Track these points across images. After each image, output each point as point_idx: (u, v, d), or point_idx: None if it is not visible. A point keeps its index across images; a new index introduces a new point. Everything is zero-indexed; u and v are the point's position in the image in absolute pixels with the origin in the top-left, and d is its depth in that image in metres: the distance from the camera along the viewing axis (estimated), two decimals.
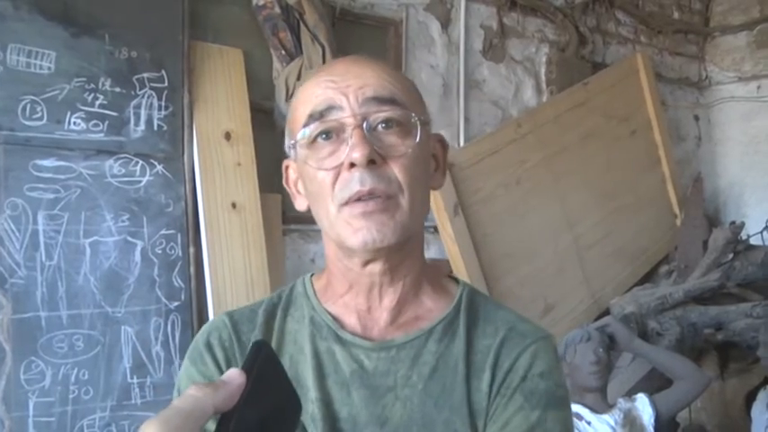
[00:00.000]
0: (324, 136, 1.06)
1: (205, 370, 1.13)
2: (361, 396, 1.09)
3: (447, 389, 1.09)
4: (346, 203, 1.05)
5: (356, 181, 1.03)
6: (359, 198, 1.04)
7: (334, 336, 1.13)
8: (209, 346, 1.15)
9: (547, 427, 1.06)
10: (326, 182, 1.06)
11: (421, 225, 1.15)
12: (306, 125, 1.07)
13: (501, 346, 1.12)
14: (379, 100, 1.06)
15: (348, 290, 1.15)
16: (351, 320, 1.15)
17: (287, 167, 1.20)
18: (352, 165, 1.03)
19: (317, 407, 1.08)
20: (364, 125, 1.04)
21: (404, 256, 1.12)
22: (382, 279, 1.12)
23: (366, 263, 1.10)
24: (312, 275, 1.25)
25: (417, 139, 1.07)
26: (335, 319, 1.15)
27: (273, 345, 1.15)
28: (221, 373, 1.11)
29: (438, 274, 1.24)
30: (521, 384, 1.08)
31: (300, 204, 1.18)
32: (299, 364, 1.12)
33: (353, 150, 1.02)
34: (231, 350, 1.14)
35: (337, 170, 1.05)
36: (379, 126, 1.05)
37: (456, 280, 1.24)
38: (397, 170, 1.05)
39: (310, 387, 1.09)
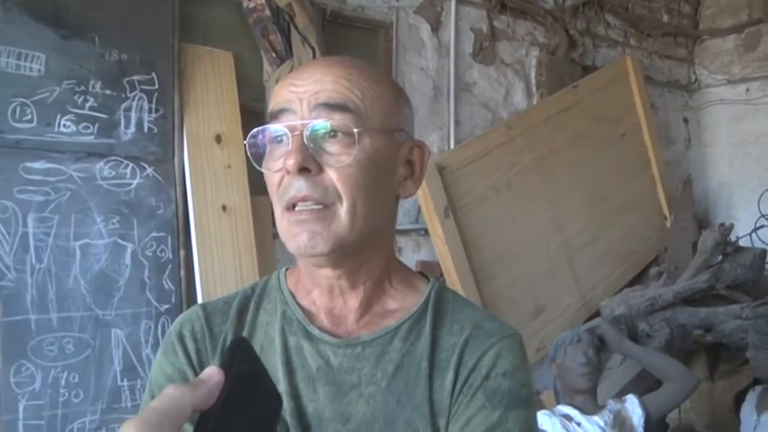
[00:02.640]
0: (279, 138, 1.08)
1: (176, 361, 1.14)
2: (327, 392, 1.10)
3: (410, 387, 1.09)
4: (287, 208, 1.07)
5: (293, 187, 1.05)
6: (294, 204, 1.06)
7: (304, 331, 1.14)
8: (180, 338, 1.16)
9: (508, 427, 1.06)
10: (274, 182, 1.08)
11: (376, 232, 1.13)
12: (267, 123, 1.09)
13: (465, 345, 1.12)
14: (329, 106, 1.05)
15: (313, 288, 1.17)
16: (320, 316, 1.16)
17: None
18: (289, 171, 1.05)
19: (285, 400, 1.08)
20: (307, 132, 1.04)
21: (360, 263, 1.13)
22: (340, 283, 1.13)
23: (319, 266, 1.12)
24: (287, 269, 1.25)
25: (356, 151, 1.05)
26: (306, 314, 1.16)
27: (245, 336, 1.16)
28: (191, 365, 1.13)
29: (408, 273, 1.24)
30: (483, 383, 1.09)
31: None
32: (270, 357, 1.13)
33: (287, 158, 1.03)
34: (203, 342, 1.15)
35: (282, 174, 1.06)
36: (327, 135, 1.05)
37: (427, 278, 1.24)
38: (335, 180, 1.05)
39: (280, 380, 1.10)
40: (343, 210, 1.05)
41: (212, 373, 0.74)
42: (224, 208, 3.28)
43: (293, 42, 3.43)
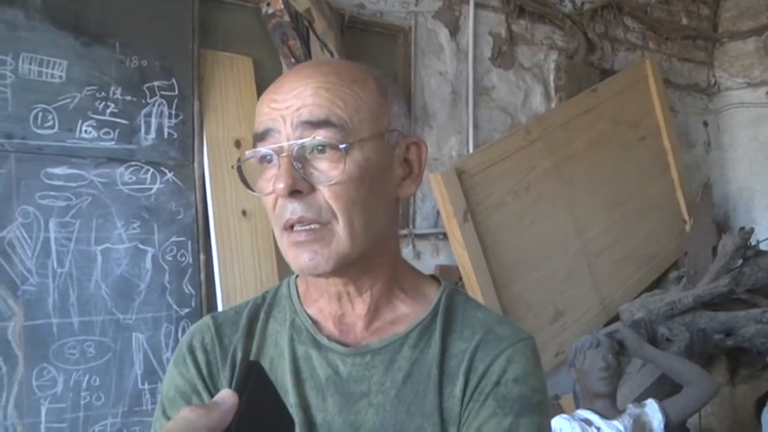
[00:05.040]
0: (267, 158, 1.06)
1: (186, 373, 1.14)
2: (336, 402, 1.09)
3: (419, 395, 1.08)
4: (285, 229, 1.05)
5: (287, 210, 1.03)
6: (292, 225, 1.04)
7: (312, 340, 1.13)
8: (191, 349, 1.16)
9: None
10: (269, 204, 1.07)
11: (378, 239, 1.10)
12: (254, 144, 1.08)
13: (476, 351, 1.10)
14: (312, 124, 1.03)
15: (321, 296, 1.16)
16: (328, 324, 1.15)
17: None
18: None
19: (294, 412, 1.08)
20: (293, 153, 1.02)
21: (362, 271, 1.11)
22: (347, 289, 1.12)
23: (325, 277, 1.10)
24: (297, 276, 1.23)
25: (346, 165, 1.02)
26: (314, 322, 1.15)
27: (255, 347, 1.16)
28: (201, 376, 1.13)
29: (418, 278, 1.22)
30: (494, 390, 1.07)
31: None
32: (279, 367, 1.13)
33: (277, 181, 1.01)
34: (213, 354, 1.15)
35: (276, 195, 1.04)
36: (315, 150, 1.03)
37: (439, 281, 1.22)
38: (329, 197, 1.03)
39: (289, 391, 1.10)
40: (340, 227, 1.04)
41: (226, 396, 0.75)
42: (244, 212, 3.29)
43: (312, 48, 3.44)
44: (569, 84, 4.81)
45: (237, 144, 3.32)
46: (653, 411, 3.02)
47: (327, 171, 1.03)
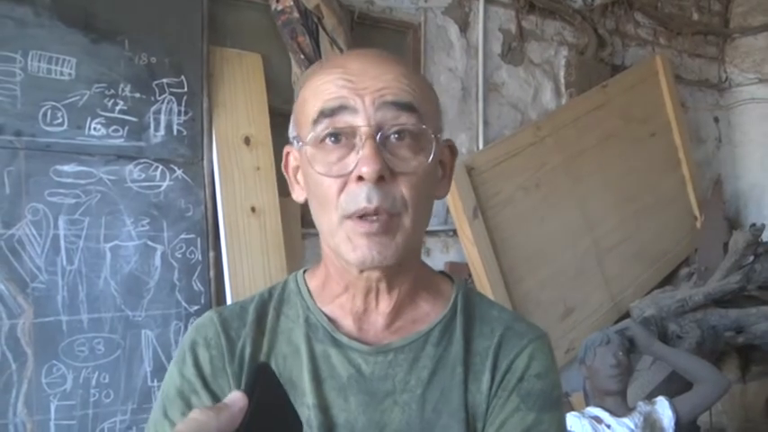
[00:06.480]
0: (333, 138, 1.00)
1: (186, 371, 1.10)
2: (359, 401, 1.06)
3: (445, 393, 1.07)
4: (350, 217, 0.99)
5: (363, 196, 0.97)
6: (364, 214, 0.98)
7: (330, 338, 1.10)
8: (192, 347, 1.11)
9: (542, 429, 1.05)
10: (332, 189, 1.00)
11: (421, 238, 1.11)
12: (316, 122, 1.01)
13: (499, 347, 1.10)
14: (398, 106, 0.99)
15: (344, 291, 1.11)
16: (346, 322, 1.11)
17: (287, 153, 1.14)
18: (361, 177, 0.97)
19: (313, 413, 1.05)
20: (378, 135, 0.97)
21: (401, 268, 1.08)
22: (379, 285, 1.08)
23: (362, 270, 1.05)
24: (305, 272, 1.20)
25: (431, 157, 1.01)
26: (331, 320, 1.12)
27: (265, 343, 1.12)
28: (201, 375, 1.09)
29: (433, 275, 1.20)
30: (518, 385, 1.07)
31: (298, 195, 1.13)
32: (294, 366, 1.09)
33: (364, 164, 0.96)
34: (218, 348, 1.10)
35: (344, 179, 0.99)
36: (392, 136, 0.99)
37: (450, 279, 1.21)
38: (404, 187, 0.99)
39: (306, 392, 1.07)
40: (408, 219, 1.01)
41: (236, 398, 0.73)
42: (253, 209, 3.29)
43: (322, 44, 3.44)
44: (580, 80, 4.79)
45: (247, 141, 3.32)
46: (663, 409, 3.00)
47: (408, 160, 1.00)
